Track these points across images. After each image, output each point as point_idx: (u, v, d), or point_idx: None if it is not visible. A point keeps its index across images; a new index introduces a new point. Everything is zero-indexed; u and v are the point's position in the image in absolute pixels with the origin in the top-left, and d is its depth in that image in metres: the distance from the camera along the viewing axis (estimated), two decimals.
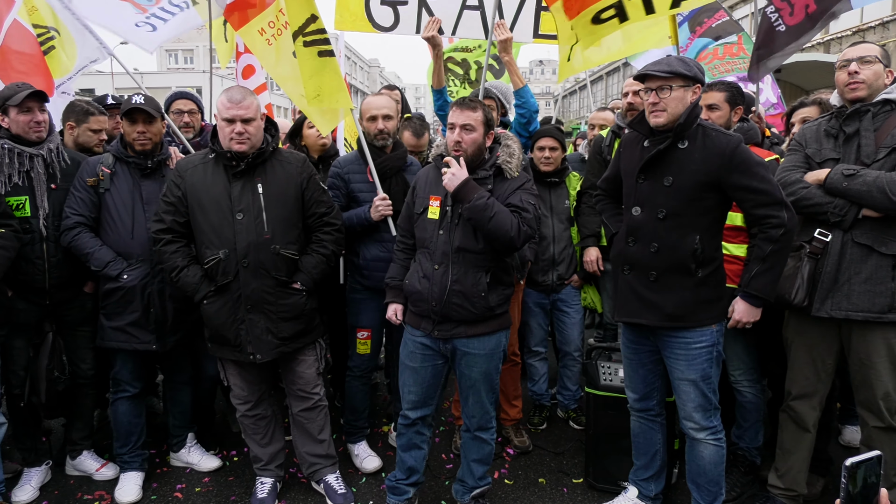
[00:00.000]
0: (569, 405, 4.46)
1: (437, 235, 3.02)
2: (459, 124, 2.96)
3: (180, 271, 3.18)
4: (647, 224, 2.87)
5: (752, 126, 3.73)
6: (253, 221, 3.15)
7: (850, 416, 4.04)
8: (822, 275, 2.93)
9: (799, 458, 3.18)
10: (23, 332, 3.42)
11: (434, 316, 3.02)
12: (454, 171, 2.91)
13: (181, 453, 3.91)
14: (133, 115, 3.41)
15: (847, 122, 2.97)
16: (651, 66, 2.81)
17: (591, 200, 4.22)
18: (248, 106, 3.10)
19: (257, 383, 3.42)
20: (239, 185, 3.17)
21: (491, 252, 3.00)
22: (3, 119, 3.36)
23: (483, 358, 3.09)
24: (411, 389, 3.20)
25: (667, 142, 2.80)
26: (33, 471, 3.62)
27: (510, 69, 4.21)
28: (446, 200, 3.02)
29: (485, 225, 2.89)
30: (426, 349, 3.12)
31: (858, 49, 3.01)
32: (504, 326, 3.15)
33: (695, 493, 3.08)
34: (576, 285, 4.31)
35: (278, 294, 3.21)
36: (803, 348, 3.10)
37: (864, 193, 2.79)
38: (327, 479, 3.53)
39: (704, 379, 2.90)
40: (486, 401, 3.19)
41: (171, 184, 3.23)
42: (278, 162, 3.29)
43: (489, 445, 3.29)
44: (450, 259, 2.98)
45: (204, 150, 3.33)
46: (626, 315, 3.03)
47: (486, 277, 3.00)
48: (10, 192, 3.30)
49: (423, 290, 3.02)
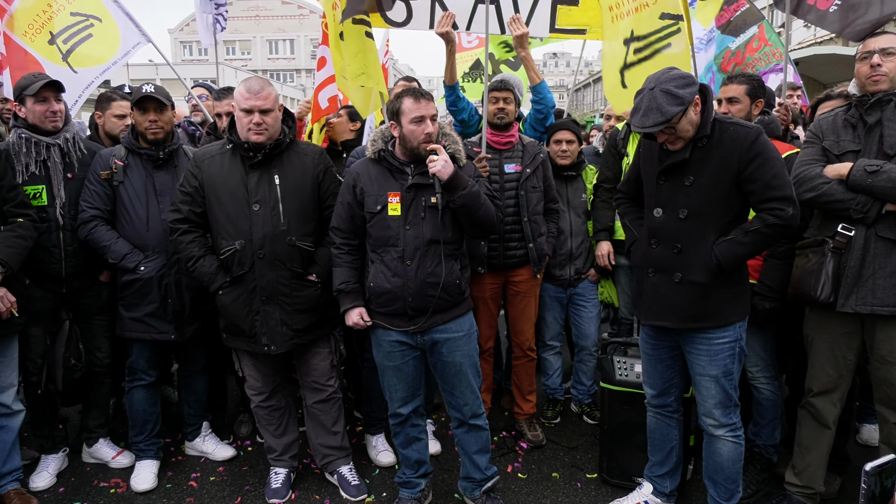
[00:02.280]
0: (583, 400, 4.45)
1: (405, 232, 2.94)
2: (429, 115, 2.92)
3: (196, 261, 3.19)
4: (669, 225, 2.83)
5: (773, 119, 3.68)
6: (269, 213, 3.15)
7: (868, 415, 3.99)
8: (846, 270, 2.88)
9: (817, 456, 3.14)
10: (39, 320, 3.44)
11: (410, 311, 2.98)
12: (446, 159, 2.87)
13: (196, 442, 3.94)
14: (144, 103, 3.42)
15: (869, 112, 2.91)
16: (643, 122, 2.63)
17: (605, 195, 4.19)
18: (267, 96, 3.09)
19: (272, 374, 3.43)
20: (256, 176, 3.16)
21: (459, 240, 3.04)
22: (20, 109, 3.39)
23: (463, 339, 3.08)
24: (397, 387, 3.16)
25: (687, 151, 2.76)
26: (50, 458, 3.66)
27: (527, 64, 4.17)
28: (407, 195, 2.96)
29: (476, 211, 2.88)
30: (402, 346, 3.07)
31: (881, 40, 2.94)
32: (470, 307, 3.19)
33: (711, 490, 3.06)
34: (593, 279, 4.28)
35: (293, 286, 3.20)
36: (825, 344, 3.05)
37: (889, 189, 2.74)
38: (341, 471, 3.54)
39: (726, 375, 2.87)
40: (475, 385, 3.17)
41: (189, 174, 3.24)
42: (295, 153, 3.28)
43: (485, 431, 3.25)
44: (421, 253, 2.94)
45: (221, 141, 3.33)
46: (651, 317, 2.99)
47: (457, 265, 3.02)
48: (28, 181, 3.33)
49: (394, 288, 2.96)
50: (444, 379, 3.16)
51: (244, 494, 3.54)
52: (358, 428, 4.28)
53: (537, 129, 4.31)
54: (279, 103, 3.21)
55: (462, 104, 4.24)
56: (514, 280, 3.96)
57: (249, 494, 3.54)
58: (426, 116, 2.91)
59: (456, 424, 3.25)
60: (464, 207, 2.89)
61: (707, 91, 2.76)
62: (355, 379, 4.47)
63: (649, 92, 2.65)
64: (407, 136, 2.94)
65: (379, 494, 3.53)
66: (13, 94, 3.46)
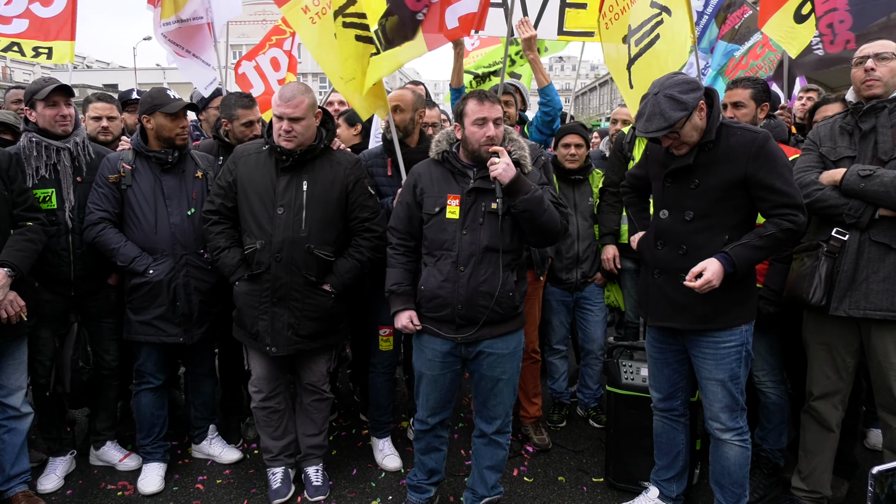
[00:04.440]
0: (589, 403, 4.44)
1: (461, 236, 2.89)
2: (493, 118, 2.84)
3: (221, 251, 3.27)
4: (675, 227, 2.84)
5: (778, 123, 3.68)
6: (292, 218, 3.17)
7: (875, 419, 3.96)
8: (839, 274, 2.90)
9: (823, 460, 3.14)
10: (48, 322, 3.46)
11: (459, 320, 2.92)
12: (508, 162, 2.76)
13: (202, 445, 3.95)
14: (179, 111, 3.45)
15: (863, 119, 2.94)
16: (647, 127, 2.65)
17: (611, 199, 4.19)
18: (298, 105, 3.10)
19: (275, 375, 3.44)
20: (285, 180, 3.20)
21: (517, 250, 2.95)
22: (31, 113, 3.41)
23: (507, 357, 3.01)
24: (430, 396, 3.12)
25: (692, 156, 2.76)
26: (58, 460, 3.67)
27: (535, 67, 4.18)
28: (468, 199, 2.90)
29: (539, 217, 2.79)
30: (446, 357, 3.01)
31: (875, 45, 2.98)
32: (523, 323, 3.11)
33: (718, 495, 3.05)
34: (599, 283, 4.28)
35: (306, 292, 3.21)
36: (822, 348, 3.07)
37: (882, 194, 2.76)
38: (308, 470, 3.58)
39: (733, 379, 2.86)
40: (509, 403, 3.10)
41: (226, 168, 3.33)
42: (329, 161, 3.29)
43: (504, 451, 3.19)
44: (476, 260, 2.88)
45: (262, 140, 3.36)
46: (657, 319, 2.99)
47: (513, 276, 2.93)
48: (38, 184, 3.35)
49: (445, 294, 2.90)
50: (480, 390, 3.11)
51: (251, 497, 3.54)
52: (364, 431, 4.28)
53: (543, 131, 4.32)
54: (316, 110, 3.21)
55: None
56: None
57: (256, 497, 3.54)
58: (489, 119, 2.83)
59: (478, 434, 3.19)
60: (526, 213, 2.78)
61: (713, 95, 2.76)
62: (362, 382, 4.47)
63: (653, 97, 2.66)
64: (469, 137, 2.88)
65: (385, 498, 3.53)
66: (24, 99, 3.48)
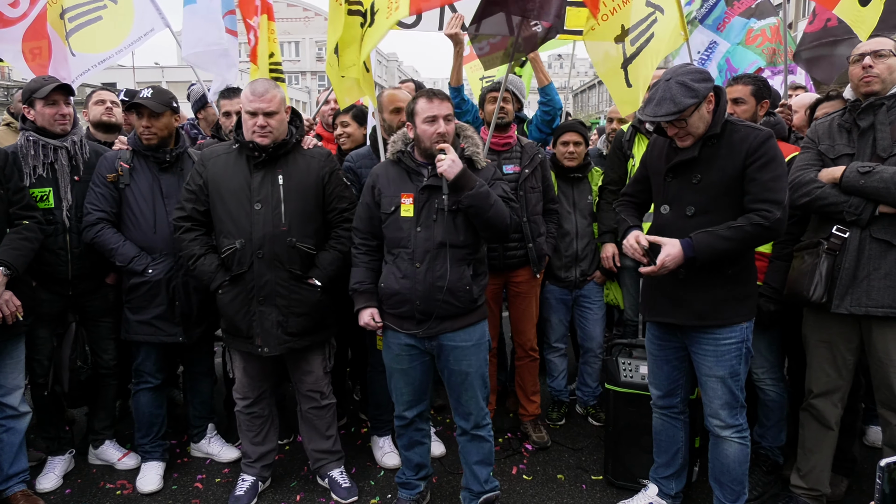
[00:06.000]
0: (588, 401, 4.44)
1: (416, 233, 2.93)
2: (442, 115, 2.89)
3: (197, 259, 3.20)
4: (676, 222, 2.83)
5: (778, 120, 3.68)
6: (270, 213, 3.15)
7: (874, 416, 3.95)
8: (840, 271, 2.89)
9: (822, 458, 3.13)
10: (46, 322, 3.45)
11: (418, 315, 2.95)
12: (453, 158, 2.83)
13: (201, 444, 3.95)
14: (138, 108, 3.41)
15: (861, 116, 2.94)
16: (656, 111, 2.65)
17: (610, 197, 4.18)
18: (271, 99, 3.09)
19: (260, 380, 3.41)
20: (259, 176, 3.17)
21: (473, 245, 2.99)
22: (29, 111, 3.40)
23: (471, 349, 3.04)
24: (404, 391, 3.14)
25: (696, 149, 2.76)
26: (56, 459, 3.67)
27: (535, 66, 4.18)
28: (421, 196, 2.94)
29: (486, 213, 2.84)
30: (412, 349, 3.05)
31: (872, 43, 2.99)
32: (484, 316, 3.13)
33: (717, 492, 3.05)
34: (598, 281, 4.28)
35: (291, 287, 3.20)
36: (823, 346, 3.06)
37: (882, 190, 2.76)
38: (332, 475, 3.53)
39: (732, 376, 2.86)
40: (480, 395, 3.11)
41: (194, 172, 3.26)
42: (301, 154, 3.29)
43: (488, 443, 3.20)
44: (431, 256, 2.91)
45: (229, 141, 3.34)
46: (656, 314, 2.99)
47: (469, 270, 2.97)
48: (35, 183, 3.34)
49: (403, 290, 2.94)
50: (451, 385, 3.13)
51: None
52: (363, 430, 4.28)
53: (543, 130, 4.31)
54: (286, 105, 3.22)
55: (466, 106, 4.25)
56: (514, 280, 3.97)
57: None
58: (439, 116, 2.88)
59: (459, 432, 3.22)
60: (472, 208, 2.84)
61: (721, 92, 2.78)
62: (361, 381, 4.47)
63: (665, 83, 2.68)
64: (420, 136, 2.93)
65: (384, 496, 3.53)
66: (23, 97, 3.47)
